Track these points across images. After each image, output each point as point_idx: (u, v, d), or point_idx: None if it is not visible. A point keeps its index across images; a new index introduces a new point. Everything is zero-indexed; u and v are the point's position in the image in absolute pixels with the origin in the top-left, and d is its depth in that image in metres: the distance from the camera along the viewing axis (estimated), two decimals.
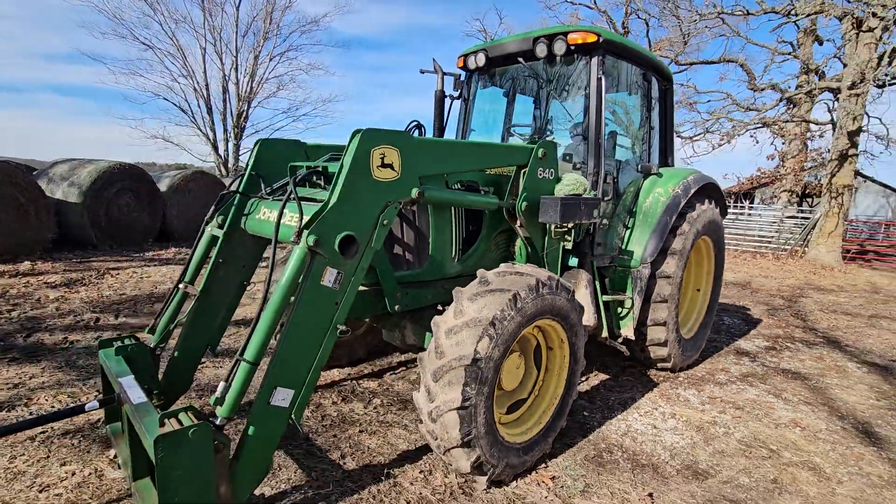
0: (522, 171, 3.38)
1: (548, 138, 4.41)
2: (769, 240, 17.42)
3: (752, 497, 2.77)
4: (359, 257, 2.46)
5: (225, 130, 24.30)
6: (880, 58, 13.35)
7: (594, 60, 3.78)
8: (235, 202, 3.13)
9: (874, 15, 12.56)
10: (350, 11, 50.78)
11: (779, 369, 4.94)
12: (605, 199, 3.91)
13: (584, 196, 3.42)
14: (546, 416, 3.04)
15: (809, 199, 23.19)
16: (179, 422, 2.05)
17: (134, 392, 2.37)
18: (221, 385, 2.16)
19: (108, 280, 6.89)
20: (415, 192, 2.65)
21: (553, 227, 3.55)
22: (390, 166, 2.57)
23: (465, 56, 4.48)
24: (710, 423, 3.64)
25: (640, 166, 4.43)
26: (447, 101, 4.69)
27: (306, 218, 2.33)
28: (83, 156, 9.64)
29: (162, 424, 2.04)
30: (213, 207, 3.14)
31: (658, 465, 3.05)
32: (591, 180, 3.82)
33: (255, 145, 3.30)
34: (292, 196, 2.42)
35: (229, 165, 24.16)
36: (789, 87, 17.75)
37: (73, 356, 4.21)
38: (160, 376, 3.01)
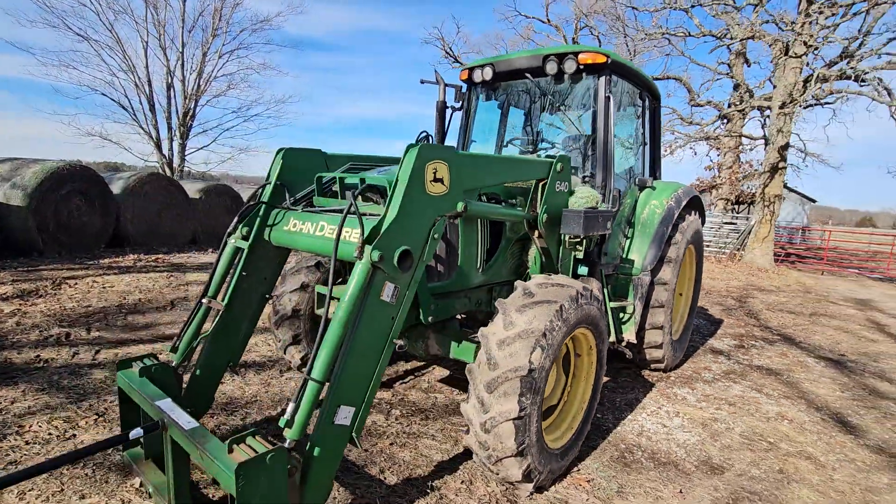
0: (542, 183, 3.49)
1: (549, 152, 4.57)
2: (708, 244, 18.75)
3: (767, 488, 3.03)
4: (412, 271, 2.46)
5: (169, 129, 22.91)
6: (806, 81, 14.80)
7: (602, 80, 3.98)
8: (261, 213, 3.04)
9: (805, 44, 13.86)
10: (303, 12, 49.44)
11: (753, 366, 5.37)
12: (614, 210, 4.11)
13: (600, 209, 3.59)
14: (576, 421, 3.16)
15: (736, 207, 25.25)
16: (250, 447, 1.97)
17: (181, 416, 2.24)
18: (290, 406, 2.09)
19: (66, 290, 6.33)
20: (461, 206, 2.68)
21: (568, 237, 3.69)
22: (441, 181, 2.59)
23: (471, 69, 4.55)
24: (711, 419, 3.92)
25: (636, 179, 4.68)
26: (448, 111, 4.74)
27: (357, 232, 2.32)
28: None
29: (230, 451, 1.96)
30: (236, 218, 3.04)
31: (678, 463, 3.25)
32: (600, 193, 4.00)
33: (276, 154, 3.21)
34: (352, 210, 2.37)
35: (174, 166, 22.79)
36: (725, 105, 19.28)
37: (53, 376, 3.85)
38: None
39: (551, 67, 4.01)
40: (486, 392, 2.54)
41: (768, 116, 17.10)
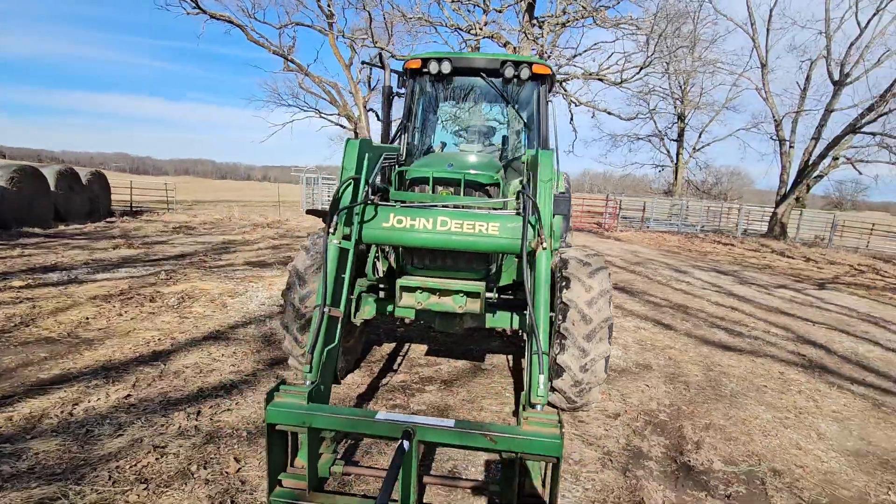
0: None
1: (488, 143, 5.30)
2: None
3: (675, 370, 4.79)
4: None
5: None
6: None
7: (543, 87, 4.93)
8: (357, 211, 2.95)
9: (542, 52, 17.86)
10: None
11: None
12: None
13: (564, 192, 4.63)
14: None
15: None
16: (536, 417, 2.29)
17: (425, 419, 2.28)
18: (542, 378, 2.43)
19: None
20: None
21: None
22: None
23: (426, 60, 4.80)
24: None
25: None
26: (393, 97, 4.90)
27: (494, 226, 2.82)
28: None
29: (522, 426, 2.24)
30: (335, 218, 2.86)
31: (627, 369, 4.73)
32: None
33: (352, 147, 3.09)
34: (530, 211, 2.71)
35: None
36: None
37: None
38: None
39: (509, 72, 4.70)
40: (587, 342, 3.33)
41: None
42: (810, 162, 20.98)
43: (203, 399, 3.56)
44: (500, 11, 19.10)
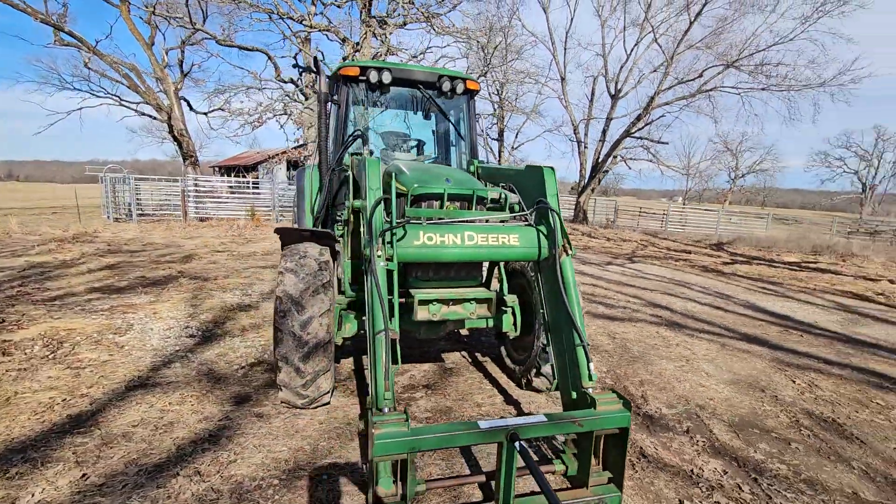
0: None
1: (418, 152, 5.47)
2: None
3: (592, 342, 5.75)
4: None
5: None
6: None
7: (473, 101, 5.33)
8: (395, 231, 2.99)
9: (390, 51, 18.05)
10: None
11: None
12: None
13: None
14: None
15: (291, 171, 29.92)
16: (604, 398, 2.73)
17: (523, 419, 2.54)
18: (591, 365, 2.87)
19: None
20: None
21: None
22: None
23: (365, 68, 4.75)
24: None
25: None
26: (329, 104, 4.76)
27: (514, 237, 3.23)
28: None
29: (595, 407, 2.67)
30: (379, 240, 2.88)
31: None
32: None
33: (374, 166, 3.10)
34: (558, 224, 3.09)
35: None
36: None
37: None
38: None
39: (446, 86, 4.97)
40: None
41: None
42: (600, 160, 25.86)
43: (190, 457, 3.05)
44: (339, 6, 18.73)
